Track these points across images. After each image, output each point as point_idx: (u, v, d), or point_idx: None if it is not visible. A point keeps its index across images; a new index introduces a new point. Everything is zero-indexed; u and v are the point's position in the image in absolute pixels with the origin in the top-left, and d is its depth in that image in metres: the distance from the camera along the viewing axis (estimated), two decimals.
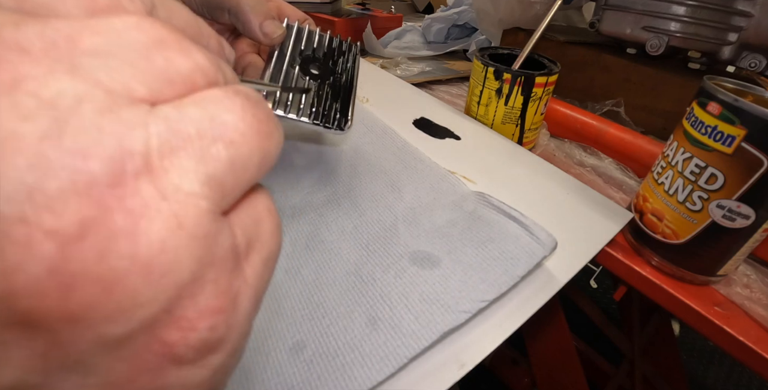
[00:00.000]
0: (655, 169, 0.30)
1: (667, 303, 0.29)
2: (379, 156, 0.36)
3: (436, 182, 0.33)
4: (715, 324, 0.27)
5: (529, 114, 0.40)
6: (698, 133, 0.26)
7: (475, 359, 0.22)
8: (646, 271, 0.30)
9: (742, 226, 0.25)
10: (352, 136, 0.38)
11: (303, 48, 0.28)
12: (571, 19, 0.67)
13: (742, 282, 0.29)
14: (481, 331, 0.24)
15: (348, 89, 0.29)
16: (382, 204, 0.31)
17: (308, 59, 0.28)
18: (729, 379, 1.07)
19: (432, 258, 0.26)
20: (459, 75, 0.61)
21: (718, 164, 0.25)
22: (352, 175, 0.34)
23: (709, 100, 0.25)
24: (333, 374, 0.21)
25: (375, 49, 0.66)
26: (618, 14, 0.46)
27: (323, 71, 0.28)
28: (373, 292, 0.24)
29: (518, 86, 0.38)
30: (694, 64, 0.47)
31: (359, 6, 0.80)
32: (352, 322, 0.23)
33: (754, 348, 0.25)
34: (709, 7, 0.41)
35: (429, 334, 0.22)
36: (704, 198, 0.26)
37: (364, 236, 0.28)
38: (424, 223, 0.29)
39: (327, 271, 0.26)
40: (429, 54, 0.68)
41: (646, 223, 0.30)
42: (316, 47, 0.29)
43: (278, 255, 0.10)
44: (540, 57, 0.42)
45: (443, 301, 0.24)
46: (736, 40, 0.41)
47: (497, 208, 0.29)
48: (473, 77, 0.42)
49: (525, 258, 0.26)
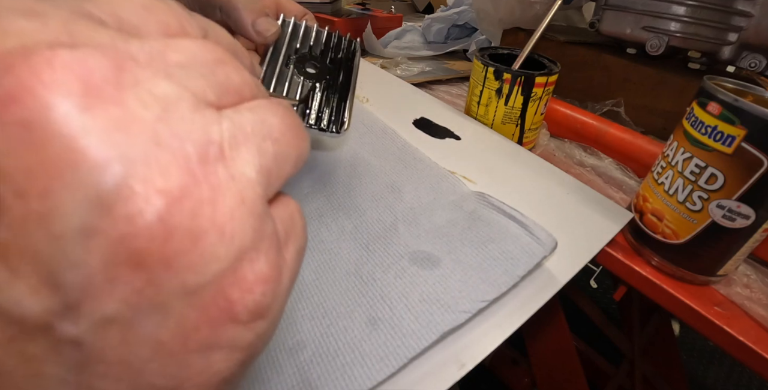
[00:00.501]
0: (655, 169, 0.30)
1: (667, 303, 0.29)
2: (379, 156, 0.36)
3: (436, 182, 0.33)
4: (715, 324, 0.27)
5: (529, 114, 0.40)
6: (698, 133, 0.26)
7: (475, 359, 0.22)
8: (646, 271, 0.30)
9: (742, 226, 0.25)
10: (352, 136, 0.38)
11: (299, 46, 0.27)
12: (571, 19, 0.67)
13: (742, 282, 0.29)
14: (481, 331, 0.24)
15: (345, 89, 0.27)
16: (382, 204, 0.31)
17: (304, 58, 0.26)
18: (729, 379, 1.07)
19: (432, 258, 0.26)
20: (459, 75, 0.61)
21: (718, 164, 0.25)
22: (352, 175, 0.34)
23: (709, 100, 0.25)
24: (333, 374, 0.21)
25: (375, 49, 0.66)
26: (618, 14, 0.46)
27: (320, 70, 0.26)
28: (373, 292, 0.24)
29: (518, 86, 0.39)
30: (694, 64, 0.47)
31: (359, 6, 0.80)
32: (352, 322, 0.23)
33: (754, 348, 0.25)
34: (709, 7, 0.41)
35: (429, 334, 0.22)
36: (704, 198, 0.26)
37: (364, 236, 0.28)
38: (424, 223, 0.29)
39: (327, 271, 0.26)
40: (429, 54, 0.68)
41: (646, 223, 0.30)
42: (313, 45, 0.27)
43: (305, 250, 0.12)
44: (540, 57, 0.42)
45: (443, 301, 0.24)
46: (736, 40, 0.41)
47: (497, 208, 0.29)
48: (473, 77, 0.42)
49: (525, 258, 0.26)
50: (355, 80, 0.28)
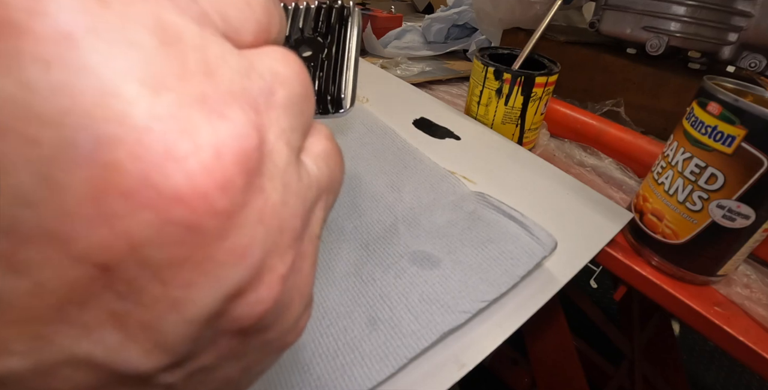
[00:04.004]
0: (655, 169, 0.30)
1: (667, 303, 0.29)
2: (378, 156, 0.36)
3: (436, 182, 0.33)
4: (715, 324, 0.27)
5: (529, 114, 0.40)
6: (698, 133, 0.26)
7: (475, 359, 0.22)
8: (646, 271, 0.30)
9: (742, 226, 0.25)
10: (352, 136, 0.38)
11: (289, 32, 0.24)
12: (571, 19, 0.67)
13: (742, 282, 0.29)
14: (481, 331, 0.24)
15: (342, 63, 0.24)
16: (382, 204, 0.31)
17: (298, 42, 0.25)
18: (729, 379, 1.07)
19: (432, 258, 0.26)
20: (459, 75, 0.61)
21: (718, 164, 0.25)
22: (352, 176, 0.34)
23: (709, 100, 0.25)
24: (333, 374, 0.21)
25: (375, 49, 0.66)
26: (618, 14, 0.46)
27: (315, 50, 0.25)
28: (372, 293, 0.24)
29: (518, 86, 0.38)
30: (694, 64, 0.47)
31: (359, 6, 0.80)
32: (352, 322, 0.23)
33: (754, 348, 0.25)
34: (709, 7, 0.41)
35: (429, 334, 0.22)
36: (704, 198, 0.26)
37: (364, 236, 0.28)
38: (424, 223, 0.29)
39: (327, 271, 0.26)
40: (429, 54, 0.68)
41: (646, 223, 0.30)
42: (303, 26, 0.25)
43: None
44: (540, 57, 0.42)
45: (443, 302, 0.24)
46: (736, 40, 0.41)
47: (497, 208, 0.29)
48: (473, 77, 0.42)
49: (525, 258, 0.26)
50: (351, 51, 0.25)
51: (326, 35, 0.25)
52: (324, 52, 0.24)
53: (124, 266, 0.07)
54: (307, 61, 0.23)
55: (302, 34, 0.25)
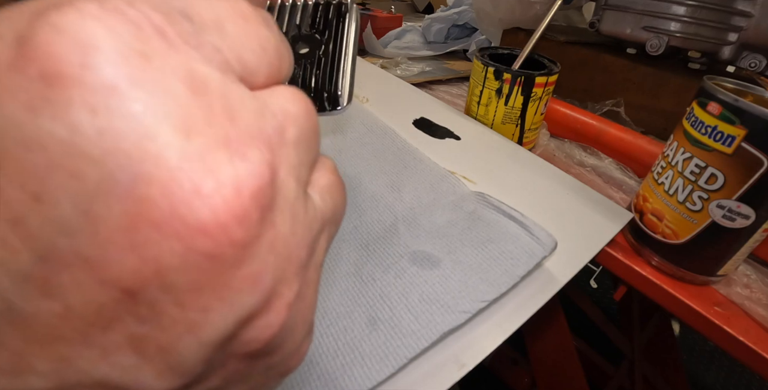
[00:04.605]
0: (655, 169, 0.30)
1: (667, 303, 0.29)
2: (378, 156, 0.36)
3: (436, 182, 0.33)
4: (715, 324, 0.27)
5: (529, 114, 0.40)
6: (698, 133, 0.26)
7: (475, 359, 0.22)
8: (646, 271, 0.30)
9: (742, 226, 0.25)
10: (352, 136, 0.38)
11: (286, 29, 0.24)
12: (571, 19, 0.67)
13: (742, 282, 0.29)
14: (481, 331, 0.24)
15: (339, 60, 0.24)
16: (382, 204, 0.31)
17: (295, 39, 0.24)
18: (729, 379, 1.07)
19: (432, 258, 0.26)
20: (459, 75, 0.61)
21: (718, 164, 0.25)
22: (352, 175, 0.34)
23: (709, 100, 0.25)
24: (333, 374, 0.21)
25: (375, 49, 0.66)
26: (618, 14, 0.46)
27: (312, 47, 0.24)
28: (373, 293, 0.24)
29: (518, 86, 0.38)
30: (694, 64, 0.47)
31: (359, 6, 0.80)
32: (352, 322, 0.23)
33: (754, 348, 0.25)
34: (709, 7, 0.41)
35: (429, 334, 0.22)
36: (704, 198, 0.26)
37: (363, 236, 0.28)
38: (424, 223, 0.29)
39: (326, 271, 0.26)
40: (429, 54, 0.68)
41: (646, 223, 0.30)
42: (300, 22, 0.25)
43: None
44: (540, 57, 0.42)
45: (443, 302, 0.24)
46: (736, 40, 0.41)
47: (497, 208, 0.29)
48: (473, 77, 0.42)
49: (525, 258, 0.26)
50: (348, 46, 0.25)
51: (323, 32, 0.25)
52: (321, 49, 0.24)
53: (148, 291, 0.07)
54: (304, 58, 0.23)
55: (299, 30, 0.24)
